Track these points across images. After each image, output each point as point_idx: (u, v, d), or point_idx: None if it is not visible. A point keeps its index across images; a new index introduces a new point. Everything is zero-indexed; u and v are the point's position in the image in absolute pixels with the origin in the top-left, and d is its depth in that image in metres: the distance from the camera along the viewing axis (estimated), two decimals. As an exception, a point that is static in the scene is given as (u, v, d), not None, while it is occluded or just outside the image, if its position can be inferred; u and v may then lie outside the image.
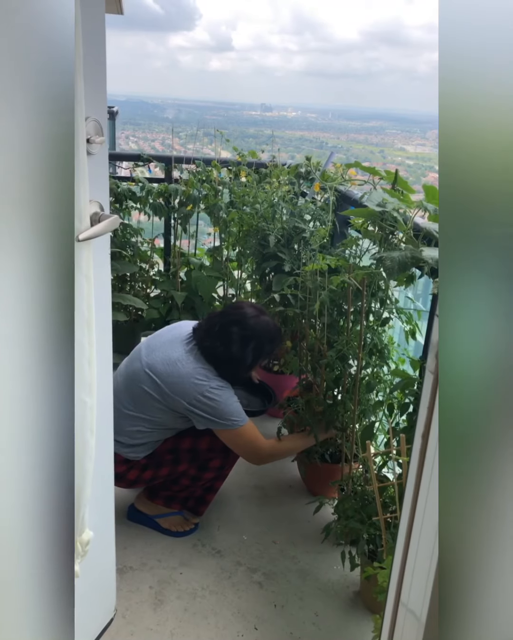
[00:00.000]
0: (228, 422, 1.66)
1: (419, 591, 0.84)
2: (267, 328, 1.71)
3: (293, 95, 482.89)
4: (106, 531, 1.43)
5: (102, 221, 0.98)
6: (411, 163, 18.60)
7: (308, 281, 1.86)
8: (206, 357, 1.68)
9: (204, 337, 1.69)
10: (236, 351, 1.66)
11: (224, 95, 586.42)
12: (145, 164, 3.05)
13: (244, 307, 1.73)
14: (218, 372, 1.68)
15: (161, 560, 1.78)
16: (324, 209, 2.20)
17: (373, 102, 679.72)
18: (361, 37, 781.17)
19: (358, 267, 1.69)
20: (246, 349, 1.67)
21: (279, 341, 1.78)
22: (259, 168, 2.85)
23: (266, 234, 2.27)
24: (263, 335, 1.69)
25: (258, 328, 1.69)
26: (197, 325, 1.76)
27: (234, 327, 1.67)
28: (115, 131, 5.97)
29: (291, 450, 1.85)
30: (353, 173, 2.03)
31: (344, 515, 1.63)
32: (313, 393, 1.94)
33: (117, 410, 1.71)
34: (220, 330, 1.67)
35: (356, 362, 1.67)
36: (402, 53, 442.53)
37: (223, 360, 1.67)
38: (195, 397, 1.63)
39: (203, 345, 1.68)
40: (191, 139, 3.13)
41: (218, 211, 2.80)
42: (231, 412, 1.66)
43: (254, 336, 1.68)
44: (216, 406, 1.64)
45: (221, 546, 1.85)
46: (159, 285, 3.07)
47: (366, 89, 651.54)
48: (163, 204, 2.95)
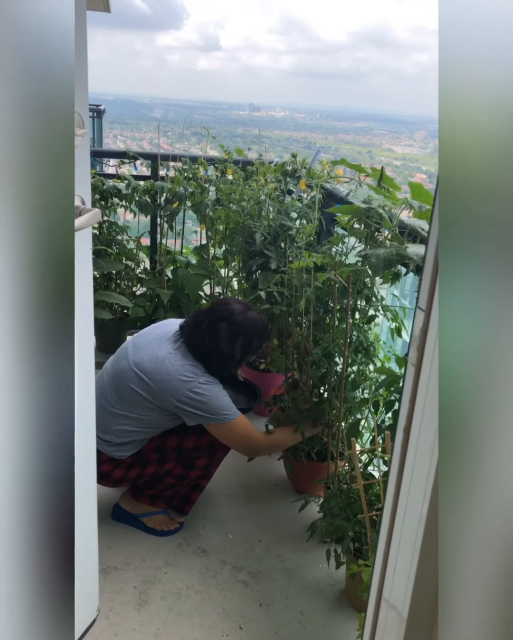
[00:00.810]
0: (219, 416, 1.66)
1: (401, 587, 0.84)
2: (255, 323, 1.71)
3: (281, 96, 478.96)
4: (89, 530, 1.41)
5: (84, 214, 0.96)
6: (399, 164, 18.70)
7: (294, 278, 1.86)
8: (194, 353, 1.67)
9: (191, 333, 1.68)
10: (225, 347, 1.66)
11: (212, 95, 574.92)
12: (131, 161, 3.03)
13: (231, 304, 1.72)
14: (206, 369, 1.68)
15: (146, 559, 1.76)
16: (310, 206, 2.20)
17: (361, 102, 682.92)
18: (349, 38, 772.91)
19: (344, 265, 1.69)
20: (234, 345, 1.67)
21: (267, 337, 1.78)
22: (246, 166, 2.84)
23: (253, 232, 2.26)
24: (251, 331, 1.69)
25: (246, 324, 1.69)
26: (184, 322, 1.75)
27: (223, 323, 1.66)
28: (102, 129, 5.95)
29: (284, 441, 1.85)
30: (340, 172, 2.03)
31: (329, 513, 1.63)
32: (299, 391, 1.94)
33: (104, 409, 1.70)
34: (208, 327, 1.67)
35: (342, 359, 1.67)
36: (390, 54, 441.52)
37: (212, 356, 1.67)
38: (184, 394, 1.63)
39: (190, 342, 1.68)
40: (178, 138, 3.12)
41: (205, 209, 2.79)
42: (221, 406, 1.66)
43: (242, 332, 1.68)
44: (206, 401, 1.63)
45: (206, 545, 1.84)
46: (145, 283, 3.06)
47: (354, 90, 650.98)
48: (149, 202, 2.94)
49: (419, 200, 1.48)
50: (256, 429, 1.78)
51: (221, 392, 1.68)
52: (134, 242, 3.12)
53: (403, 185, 1.72)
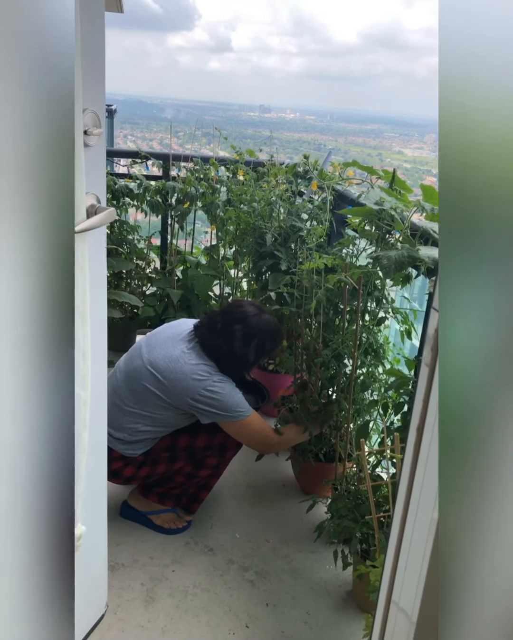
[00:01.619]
0: (234, 413, 1.67)
1: (411, 590, 0.84)
2: (269, 326, 1.72)
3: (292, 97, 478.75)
4: (99, 527, 1.42)
5: (99, 213, 0.97)
6: (409, 167, 18.65)
7: (304, 280, 1.86)
8: (208, 354, 1.68)
9: (206, 334, 1.69)
10: (239, 349, 1.67)
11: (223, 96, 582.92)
12: (143, 161, 3.04)
13: (245, 306, 1.73)
14: (219, 369, 1.68)
15: (153, 557, 1.77)
16: (321, 208, 2.20)
17: (371, 105, 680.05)
18: (360, 40, 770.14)
19: (355, 266, 1.69)
20: (248, 347, 1.68)
21: (280, 339, 1.79)
22: (257, 167, 2.84)
23: (263, 233, 2.27)
24: (265, 333, 1.70)
25: (260, 326, 1.70)
26: (198, 323, 1.76)
27: (237, 325, 1.68)
28: (113, 129, 5.97)
29: (298, 437, 1.86)
30: (351, 173, 2.03)
31: (337, 514, 1.63)
32: (307, 392, 1.94)
33: (117, 407, 1.71)
34: (223, 328, 1.68)
35: (351, 361, 1.67)
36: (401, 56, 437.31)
37: (226, 357, 1.68)
38: (198, 392, 1.64)
39: (205, 343, 1.69)
40: (189, 139, 3.13)
41: (215, 209, 2.79)
42: (235, 403, 1.67)
43: (256, 334, 1.69)
44: (220, 399, 1.64)
45: (214, 544, 1.84)
46: (155, 282, 3.07)
47: (365, 92, 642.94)
48: (160, 202, 2.95)
49: (431, 203, 1.48)
50: (269, 426, 1.79)
51: (235, 389, 1.69)
52: (145, 241, 3.13)
53: (414, 188, 1.71)
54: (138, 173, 3.00)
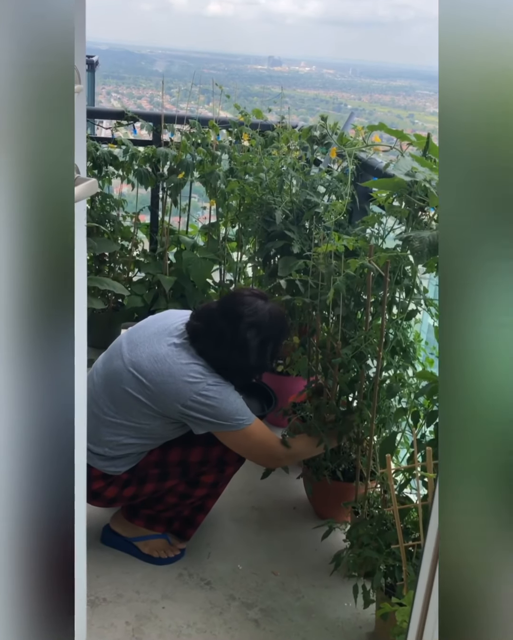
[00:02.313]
0: (233, 422, 1.67)
1: (446, 632, 0.84)
2: (274, 318, 1.72)
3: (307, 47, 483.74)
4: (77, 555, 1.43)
5: (78, 184, 0.97)
6: (446, 130, 18.50)
7: (320, 265, 1.86)
8: (202, 352, 1.68)
9: (199, 328, 1.69)
10: (239, 346, 1.67)
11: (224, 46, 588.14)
12: (129, 123, 3.04)
13: (246, 295, 1.73)
14: (215, 370, 1.69)
15: (140, 591, 1.78)
16: (341, 179, 2.19)
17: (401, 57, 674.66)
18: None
19: (381, 249, 1.68)
20: (250, 345, 1.68)
21: (287, 333, 1.80)
22: (266, 130, 2.83)
23: (272, 209, 2.26)
24: (270, 326, 1.70)
25: (265, 318, 1.69)
26: (190, 315, 1.76)
27: (237, 316, 1.67)
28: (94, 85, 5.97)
29: (311, 450, 1.86)
30: (377, 139, 2.01)
31: (357, 543, 1.63)
32: (323, 398, 1.94)
33: (95, 417, 1.71)
34: (220, 321, 1.68)
35: (375, 362, 1.67)
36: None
37: (223, 356, 1.68)
38: (190, 397, 1.63)
39: (198, 339, 1.69)
40: (184, 97, 3.12)
41: (215, 180, 2.79)
42: (234, 410, 1.67)
43: (260, 327, 1.68)
44: (216, 405, 1.64)
45: (211, 576, 1.85)
46: (143, 267, 3.07)
47: (393, 42, 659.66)
48: (150, 171, 2.95)
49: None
50: (276, 436, 1.79)
51: (234, 394, 1.69)
52: (132, 218, 3.13)
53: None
54: (124, 137, 2.99)
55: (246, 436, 1.71)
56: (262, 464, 1.84)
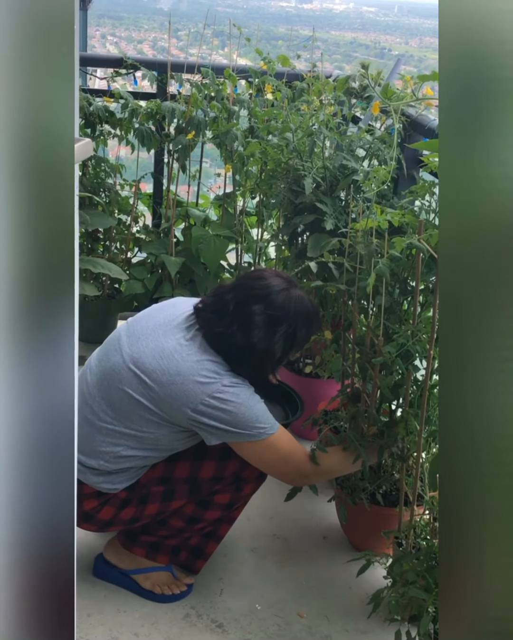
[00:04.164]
0: (253, 430, 1.68)
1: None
2: (302, 307, 1.72)
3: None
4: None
5: (69, 147, 0.97)
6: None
7: (358, 245, 1.85)
8: (215, 346, 1.69)
9: (212, 319, 1.70)
10: (260, 339, 1.67)
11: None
12: (129, 72, 3.04)
13: (268, 278, 1.73)
14: (231, 368, 1.69)
15: (139, 634, 1.79)
16: (385, 140, 2.18)
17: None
18: None
19: (433, 226, 1.67)
20: (273, 337, 1.68)
21: (317, 326, 1.79)
22: (293, 81, 2.82)
23: (300, 176, 2.25)
24: (296, 317, 1.70)
25: (290, 306, 1.69)
26: (200, 303, 1.76)
27: (256, 304, 1.67)
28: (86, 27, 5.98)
29: (345, 466, 1.86)
30: (430, 92, 2.00)
31: (401, 580, 1.63)
32: (361, 405, 1.93)
33: (89, 424, 1.73)
34: (236, 310, 1.68)
35: (425, 362, 1.66)
36: None
37: (240, 351, 1.68)
38: (202, 401, 1.64)
39: (210, 331, 1.69)
40: (195, 41, 3.12)
41: (232, 142, 2.78)
42: (255, 416, 1.67)
43: (284, 317, 1.68)
44: (233, 410, 1.65)
45: (224, 618, 1.86)
46: (144, 246, 3.08)
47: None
48: (153, 131, 2.95)
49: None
50: (304, 448, 1.80)
51: (254, 397, 1.70)
52: (131, 188, 3.13)
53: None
54: (122, 89, 2.99)
55: (269, 448, 1.72)
56: (287, 481, 1.84)
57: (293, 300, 1.71)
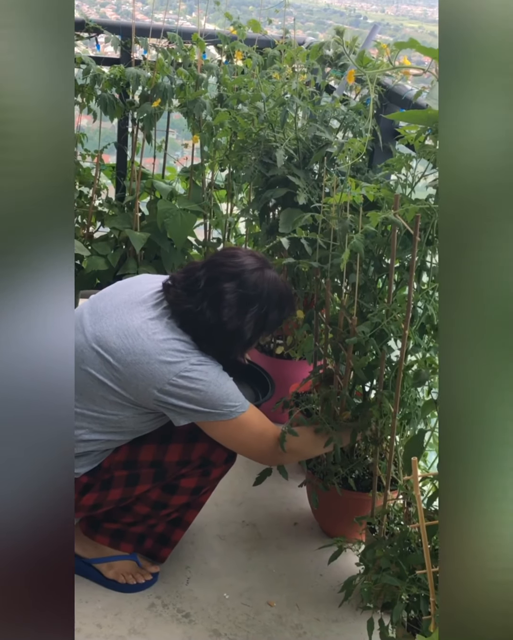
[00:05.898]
0: (223, 409, 1.68)
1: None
2: (275, 288, 1.72)
3: None
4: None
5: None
6: (491, 51, 18.40)
7: (332, 220, 1.85)
8: (183, 325, 1.68)
9: (181, 296, 1.69)
10: (230, 318, 1.67)
11: None
12: (91, 36, 3.00)
13: (240, 256, 1.73)
14: (199, 347, 1.69)
15: (102, 625, 1.79)
16: (360, 111, 2.17)
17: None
18: None
19: (409, 201, 1.67)
20: (244, 317, 1.68)
21: (291, 307, 1.79)
22: (264, 48, 2.80)
23: (272, 148, 2.24)
24: (269, 298, 1.70)
25: (263, 286, 1.69)
26: (169, 280, 1.75)
27: (228, 283, 1.67)
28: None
29: (317, 447, 1.87)
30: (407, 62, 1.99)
31: (374, 567, 1.65)
32: (334, 387, 1.94)
33: None
34: (206, 287, 1.68)
35: (399, 343, 1.67)
36: None
37: (210, 330, 1.68)
38: (169, 380, 1.64)
39: (179, 309, 1.68)
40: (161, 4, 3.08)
41: (200, 111, 2.75)
42: (224, 394, 1.68)
43: (256, 297, 1.68)
44: (202, 389, 1.65)
45: (191, 607, 1.87)
46: (107, 220, 3.05)
47: None
48: (117, 98, 2.91)
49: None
50: (275, 426, 1.81)
51: (223, 374, 1.70)
52: (93, 158, 3.10)
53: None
54: (83, 54, 2.95)
55: (240, 426, 1.72)
56: (260, 460, 1.85)
57: (266, 280, 1.71)
